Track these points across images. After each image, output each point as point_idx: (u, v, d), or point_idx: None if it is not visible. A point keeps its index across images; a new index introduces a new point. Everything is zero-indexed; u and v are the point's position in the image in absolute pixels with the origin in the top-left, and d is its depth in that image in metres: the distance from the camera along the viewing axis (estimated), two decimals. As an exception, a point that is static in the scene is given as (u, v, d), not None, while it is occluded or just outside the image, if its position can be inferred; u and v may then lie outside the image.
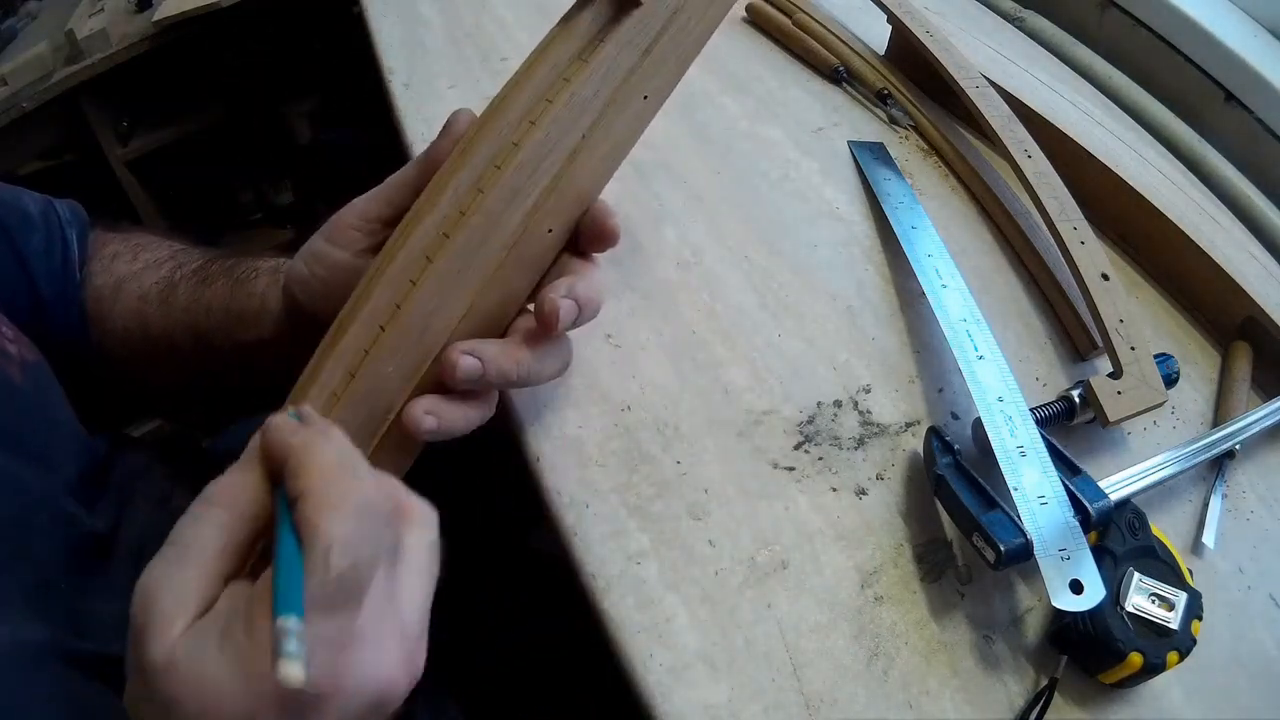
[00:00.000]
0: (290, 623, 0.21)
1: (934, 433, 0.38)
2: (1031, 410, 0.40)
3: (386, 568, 0.25)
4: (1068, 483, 0.36)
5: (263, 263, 0.42)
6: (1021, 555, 0.34)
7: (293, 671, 0.20)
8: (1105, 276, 0.46)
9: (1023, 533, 0.34)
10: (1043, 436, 0.38)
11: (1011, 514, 0.35)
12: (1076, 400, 0.42)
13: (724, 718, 0.33)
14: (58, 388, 0.38)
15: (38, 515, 0.33)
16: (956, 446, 0.38)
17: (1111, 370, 0.43)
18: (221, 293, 0.41)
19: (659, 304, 0.46)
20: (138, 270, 0.44)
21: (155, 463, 0.44)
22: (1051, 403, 0.42)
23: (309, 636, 0.22)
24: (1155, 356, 0.43)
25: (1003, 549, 0.33)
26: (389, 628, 0.25)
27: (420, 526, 0.27)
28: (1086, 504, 0.35)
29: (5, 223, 0.41)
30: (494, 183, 0.32)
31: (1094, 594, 0.33)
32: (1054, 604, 0.33)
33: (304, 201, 1.39)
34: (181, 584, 0.23)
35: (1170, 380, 0.43)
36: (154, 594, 0.23)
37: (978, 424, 0.40)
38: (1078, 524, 0.35)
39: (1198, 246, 0.50)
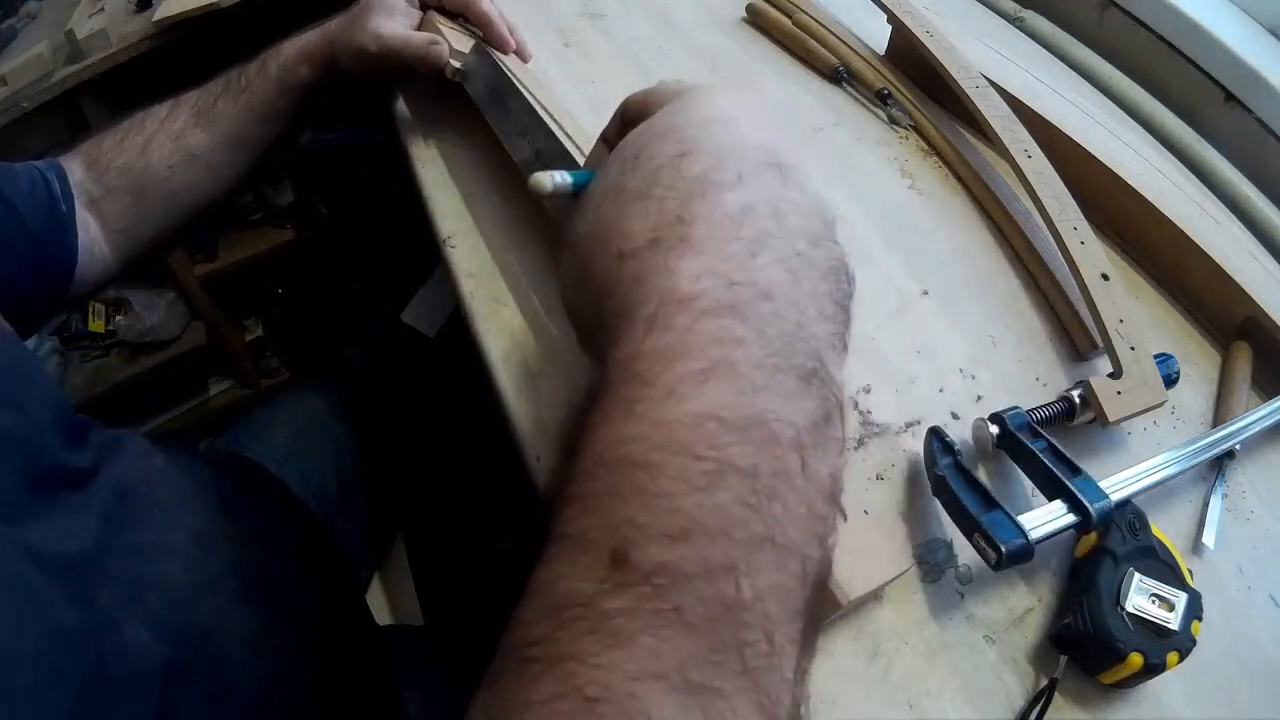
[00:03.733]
0: None
1: (934, 433, 0.38)
2: (1031, 410, 0.40)
3: None
4: (1069, 483, 0.36)
5: (264, 65, 0.59)
6: (1022, 555, 0.34)
7: None
8: (1105, 276, 0.46)
9: (1023, 533, 0.34)
10: (1043, 436, 0.38)
11: (1011, 514, 0.35)
12: (1076, 400, 0.42)
13: (724, 718, 0.33)
14: (37, 360, 0.42)
15: (4, 443, 0.35)
16: (956, 446, 0.38)
17: (1111, 370, 0.43)
18: (233, 105, 0.58)
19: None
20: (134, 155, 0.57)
21: (145, 441, 0.47)
22: (1052, 403, 0.42)
23: None
24: (1155, 356, 0.43)
25: (1003, 549, 0.33)
26: None
27: None
28: (1087, 504, 0.35)
29: None
30: None
31: None
32: None
33: (304, 201, 1.38)
34: None
35: (1170, 380, 0.43)
36: None
37: (978, 424, 0.40)
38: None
39: (1198, 246, 0.50)
